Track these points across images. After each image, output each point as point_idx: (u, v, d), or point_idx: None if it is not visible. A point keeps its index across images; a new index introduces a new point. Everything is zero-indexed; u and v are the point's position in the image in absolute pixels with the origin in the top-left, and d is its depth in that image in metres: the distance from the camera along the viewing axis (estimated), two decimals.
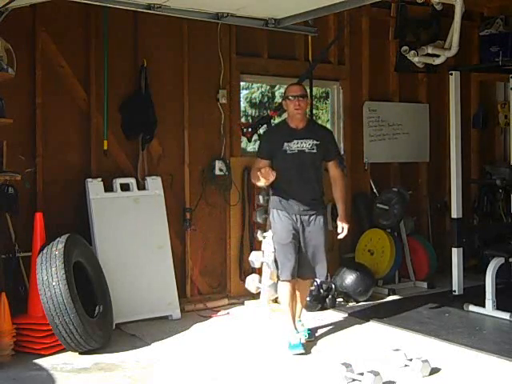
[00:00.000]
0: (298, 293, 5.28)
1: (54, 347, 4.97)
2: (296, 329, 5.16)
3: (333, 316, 6.09)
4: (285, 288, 5.16)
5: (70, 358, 4.88)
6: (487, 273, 5.94)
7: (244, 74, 6.90)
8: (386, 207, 7.08)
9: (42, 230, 5.21)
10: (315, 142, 5.14)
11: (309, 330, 5.37)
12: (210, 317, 6.11)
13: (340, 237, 5.27)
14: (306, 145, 5.13)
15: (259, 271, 6.47)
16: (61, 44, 5.84)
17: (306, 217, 5.13)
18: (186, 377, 4.55)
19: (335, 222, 5.40)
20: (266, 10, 5.83)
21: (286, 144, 5.11)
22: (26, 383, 4.44)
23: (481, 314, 5.96)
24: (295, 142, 5.12)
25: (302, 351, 4.98)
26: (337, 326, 5.66)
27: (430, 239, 7.90)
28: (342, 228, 5.21)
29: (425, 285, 7.21)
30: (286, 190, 5.13)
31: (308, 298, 6.22)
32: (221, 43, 6.59)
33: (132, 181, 6.06)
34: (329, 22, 7.23)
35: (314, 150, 5.14)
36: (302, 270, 5.17)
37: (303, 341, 5.13)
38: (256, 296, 6.46)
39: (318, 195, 5.21)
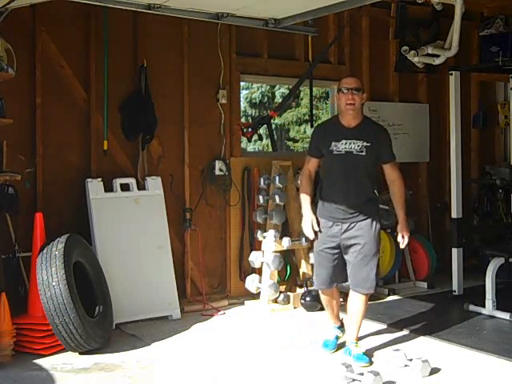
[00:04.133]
0: (349, 307, 4.97)
1: (54, 347, 4.97)
2: (336, 324, 5.13)
3: None
4: (321, 296, 5.11)
5: (70, 358, 4.88)
6: (487, 273, 5.94)
7: (244, 74, 6.90)
8: (386, 207, 7.04)
9: (42, 230, 5.21)
10: (365, 143, 4.69)
11: (364, 353, 4.81)
12: (211, 316, 6.11)
13: (402, 247, 4.87)
14: (355, 146, 4.69)
15: (259, 271, 6.49)
16: (61, 44, 5.84)
17: (347, 223, 4.73)
18: (186, 377, 4.54)
19: (395, 230, 4.94)
20: (266, 10, 5.83)
21: (333, 143, 4.73)
22: (26, 383, 4.44)
23: (481, 313, 5.96)
24: (343, 142, 4.71)
25: (330, 351, 4.97)
26: None
27: (429, 239, 7.89)
28: (403, 237, 4.76)
29: (425, 285, 7.21)
30: (331, 195, 4.80)
31: (308, 298, 6.26)
32: (221, 43, 6.59)
33: (132, 181, 6.06)
34: (329, 21, 7.25)
35: (363, 153, 4.69)
36: (350, 280, 4.86)
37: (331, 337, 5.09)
38: (256, 296, 6.47)
39: (364, 201, 4.78)
